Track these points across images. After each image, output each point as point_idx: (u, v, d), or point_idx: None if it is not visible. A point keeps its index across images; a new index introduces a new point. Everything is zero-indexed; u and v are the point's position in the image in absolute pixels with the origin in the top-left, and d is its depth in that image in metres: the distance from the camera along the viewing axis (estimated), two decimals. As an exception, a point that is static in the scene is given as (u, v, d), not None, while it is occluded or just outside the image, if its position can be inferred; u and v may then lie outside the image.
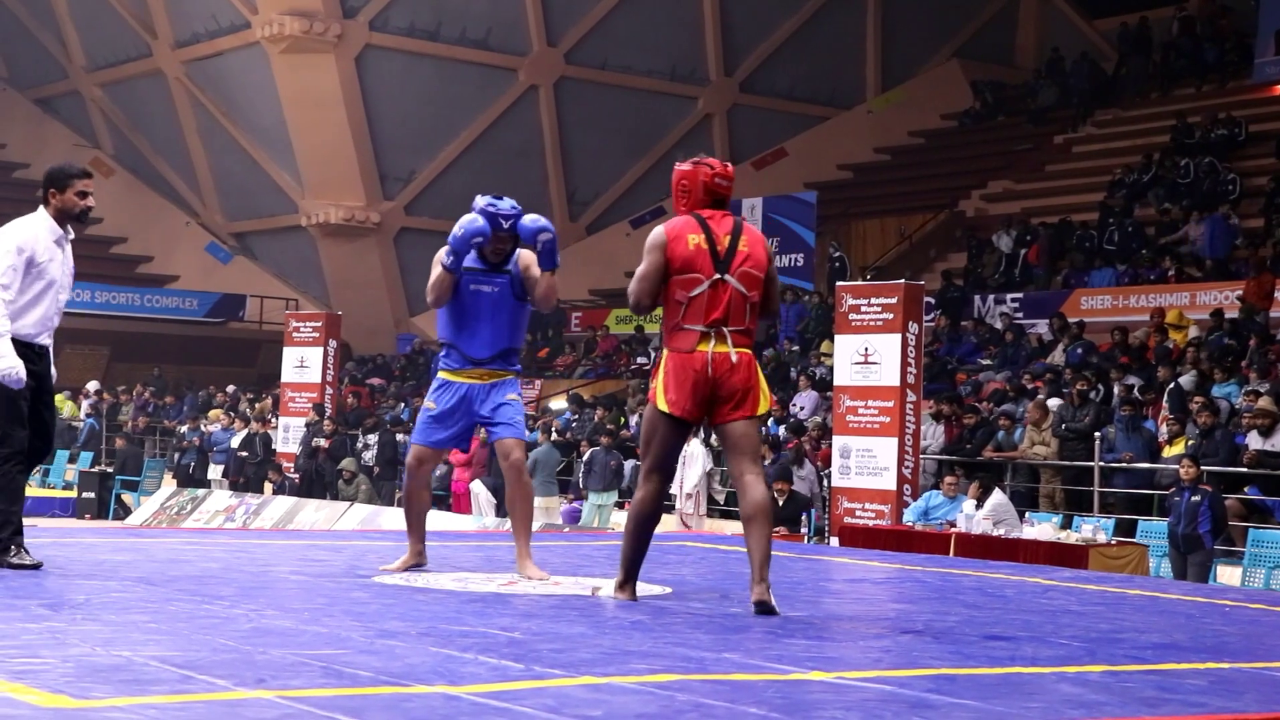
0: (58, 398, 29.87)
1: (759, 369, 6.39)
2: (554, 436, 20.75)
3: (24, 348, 6.82)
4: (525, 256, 7.32)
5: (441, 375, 7.37)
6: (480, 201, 7.31)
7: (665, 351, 6.35)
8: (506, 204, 7.30)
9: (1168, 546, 13.88)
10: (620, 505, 20.27)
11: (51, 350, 7.07)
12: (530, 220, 7.22)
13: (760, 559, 6.13)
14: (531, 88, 33.59)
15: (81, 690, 3.85)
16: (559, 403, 24.94)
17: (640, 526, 6.41)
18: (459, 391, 7.26)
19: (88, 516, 23.51)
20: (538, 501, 19.44)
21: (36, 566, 6.64)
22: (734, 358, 6.21)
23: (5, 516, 6.67)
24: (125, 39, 35.32)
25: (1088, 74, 32.65)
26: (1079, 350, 19.97)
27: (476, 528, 17.42)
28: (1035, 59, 36.40)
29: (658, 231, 6.37)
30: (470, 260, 7.26)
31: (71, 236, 7.05)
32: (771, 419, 19.80)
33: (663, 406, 6.23)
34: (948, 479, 15.25)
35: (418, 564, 7.40)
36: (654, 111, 34.73)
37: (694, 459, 18.06)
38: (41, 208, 6.96)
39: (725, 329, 6.22)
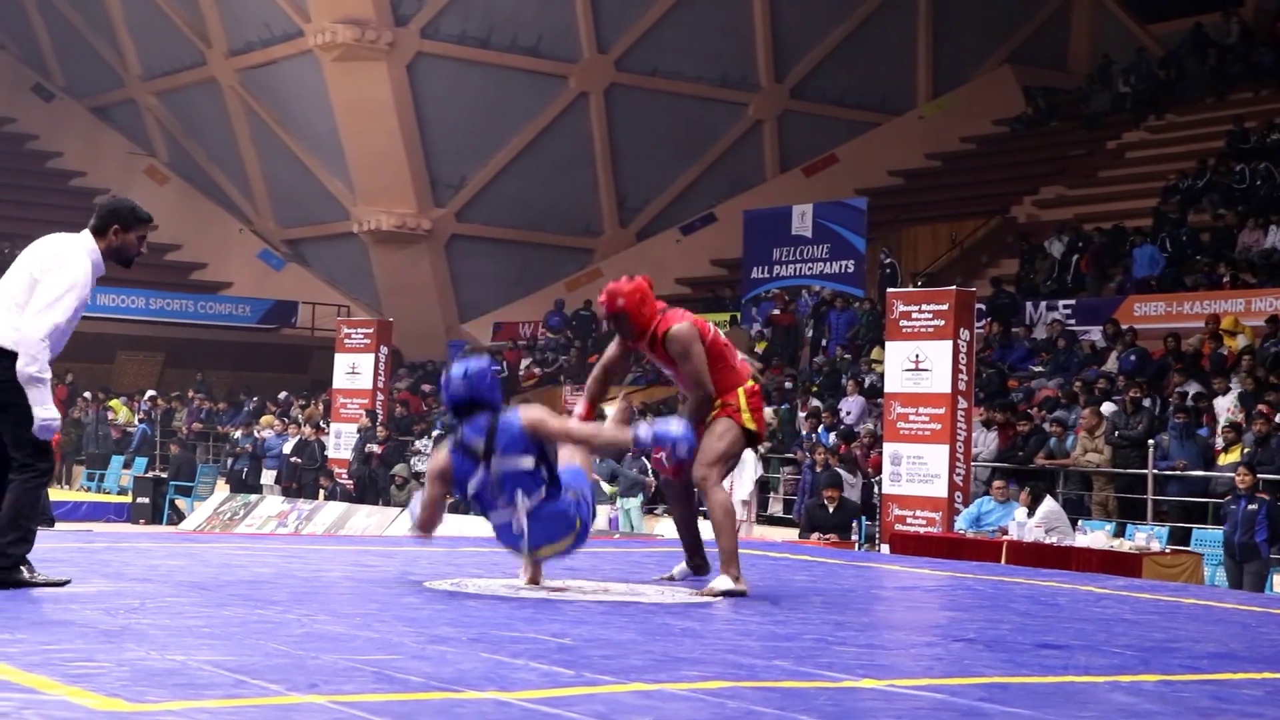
0: (114, 402, 30.22)
1: None
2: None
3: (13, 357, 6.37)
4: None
5: None
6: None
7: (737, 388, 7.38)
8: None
9: (1223, 555, 13.76)
10: (651, 510, 20.27)
11: None
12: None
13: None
14: (582, 94, 33.64)
15: (137, 694, 3.88)
16: (610, 408, 24.92)
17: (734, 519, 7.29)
18: None
19: (142, 521, 23.70)
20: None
21: (67, 581, 6.41)
22: None
23: (25, 530, 6.31)
24: (180, 48, 35.61)
25: (1142, 79, 32.44)
26: (1132, 357, 19.83)
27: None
28: (1088, 64, 36.17)
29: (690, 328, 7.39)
30: None
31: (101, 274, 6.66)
32: (821, 426, 19.76)
33: (750, 425, 7.33)
34: (996, 483, 15.17)
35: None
36: (704, 118, 34.71)
37: (745, 465, 18.05)
38: (89, 234, 6.54)
39: None
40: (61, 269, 6.39)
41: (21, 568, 6.23)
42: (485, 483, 6.66)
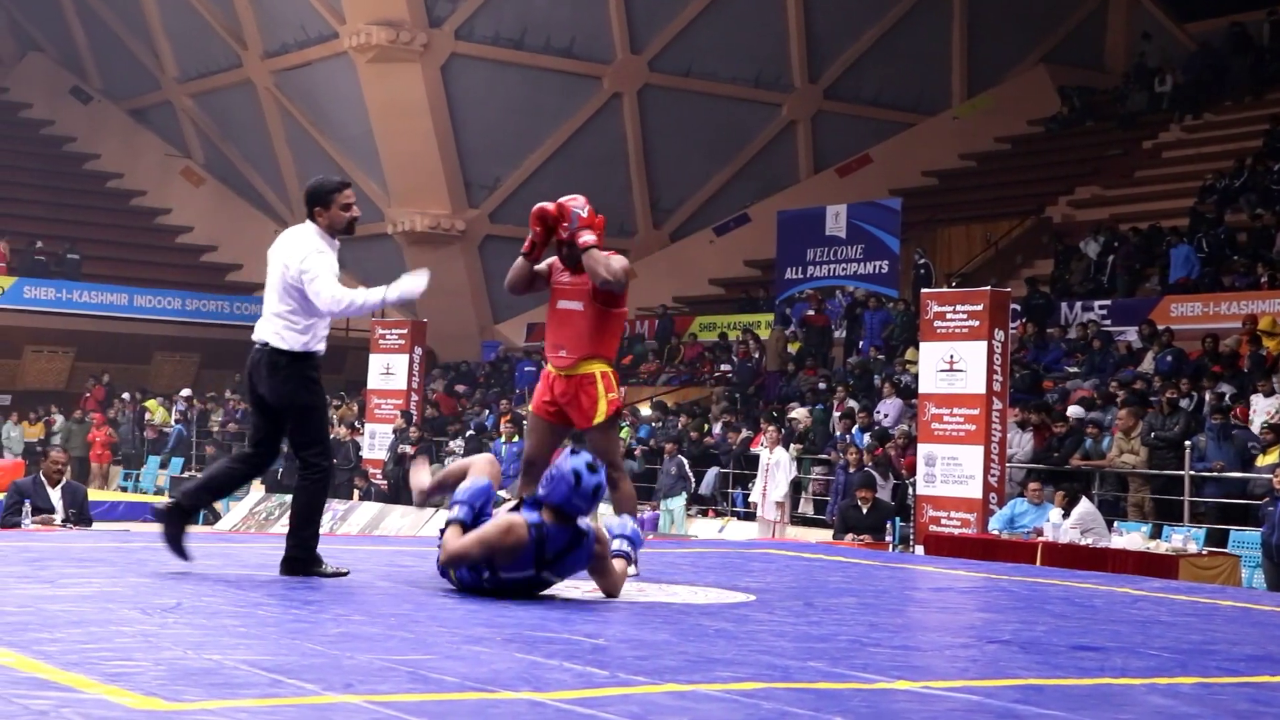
0: (150, 403, 30.38)
1: None
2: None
3: (320, 360, 7.03)
4: None
5: None
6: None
7: (606, 366, 7.51)
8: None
9: (1260, 557, 13.67)
10: (705, 512, 20.28)
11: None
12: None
13: None
14: (615, 95, 33.66)
15: (174, 693, 3.90)
16: (644, 409, 24.97)
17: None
18: None
19: (178, 521, 23.74)
20: (608, 509, 19.56)
21: (347, 572, 6.93)
22: None
23: (314, 527, 7.01)
24: (216, 50, 35.79)
25: (1181, 77, 32.29)
26: (1168, 358, 19.73)
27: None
28: (1124, 63, 36.00)
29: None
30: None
31: (338, 248, 7.04)
32: (856, 427, 19.72)
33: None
34: (1032, 485, 15.11)
35: None
36: (738, 118, 34.69)
37: (779, 467, 18.03)
38: (309, 222, 7.00)
39: None
40: (306, 262, 6.89)
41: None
42: (525, 579, 6.44)
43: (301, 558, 6.93)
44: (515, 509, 6.43)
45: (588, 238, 7.60)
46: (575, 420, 7.61)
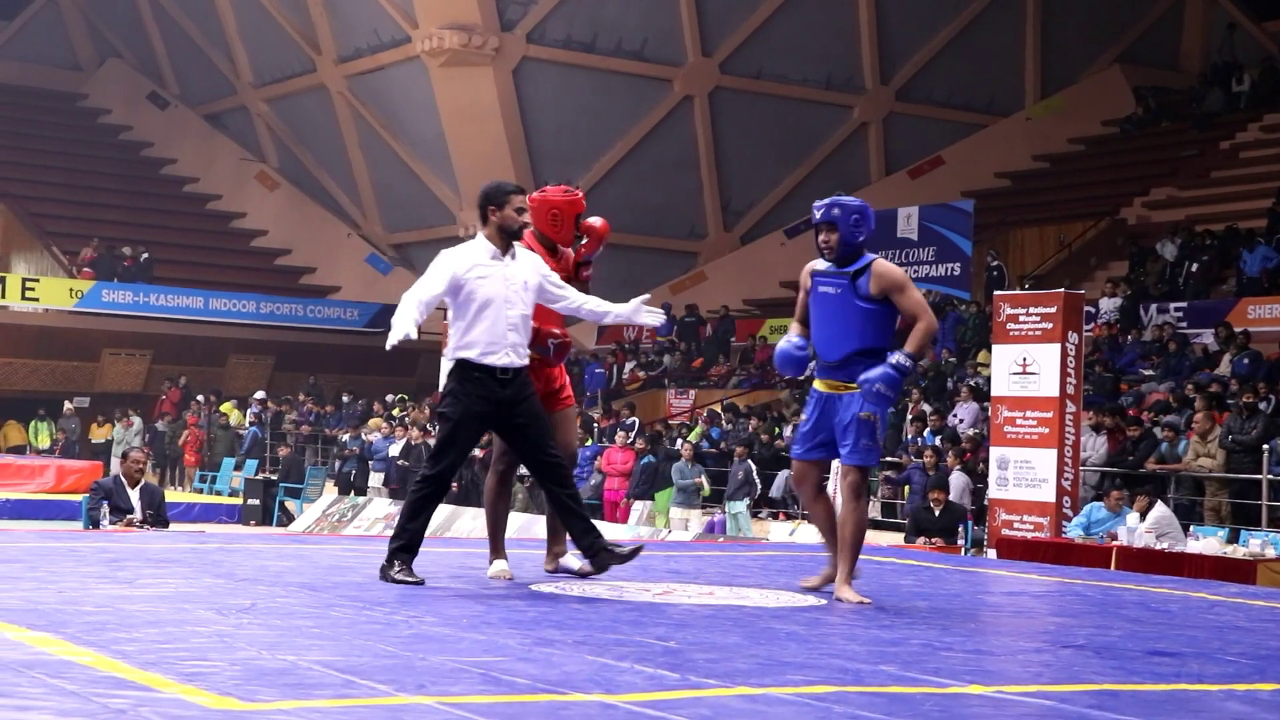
0: (225, 406, 30.69)
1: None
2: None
3: (482, 370, 6.97)
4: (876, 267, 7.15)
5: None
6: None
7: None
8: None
9: (1340, 563, 13.47)
10: (776, 515, 20.25)
11: (522, 369, 7.06)
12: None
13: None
14: (687, 98, 33.67)
15: (249, 693, 3.94)
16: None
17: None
18: (818, 400, 7.11)
19: (252, 523, 24.03)
20: (676, 513, 19.62)
21: (419, 583, 6.79)
22: None
23: (399, 529, 6.96)
24: (290, 55, 36.11)
25: (1258, 75, 31.92)
26: (1245, 360, 19.49)
27: (629, 537, 17.46)
28: (1200, 63, 35.60)
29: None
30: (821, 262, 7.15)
31: (514, 254, 7.06)
32: (928, 429, 19.62)
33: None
34: (1114, 494, 14.96)
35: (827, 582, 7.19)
36: (809, 120, 34.60)
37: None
38: (479, 231, 7.14)
39: None
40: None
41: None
42: None
43: (385, 561, 6.92)
44: None
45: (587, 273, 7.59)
46: (553, 405, 7.48)
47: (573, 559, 7.34)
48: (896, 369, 6.92)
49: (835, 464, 7.40)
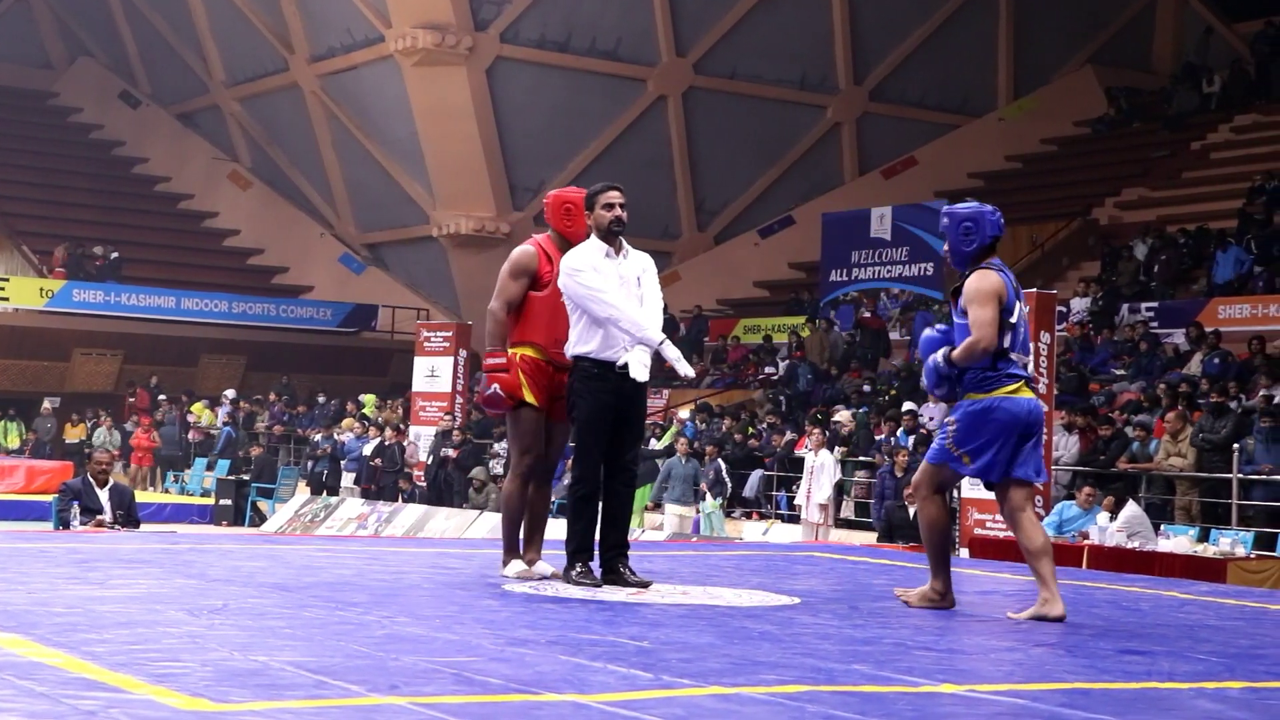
0: (196, 406, 30.58)
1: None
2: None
3: (604, 367, 7.03)
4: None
5: None
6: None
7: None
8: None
9: (1310, 561, 13.56)
10: (749, 514, 20.27)
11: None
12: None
13: None
14: (660, 98, 33.68)
15: (221, 694, 3.92)
16: (686, 412, 24.96)
17: None
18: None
19: (224, 523, 23.96)
20: (673, 509, 19.59)
21: (597, 585, 6.91)
22: None
23: (569, 533, 7.07)
24: (263, 54, 36.01)
25: (1227, 77, 32.07)
26: (1216, 360, 19.59)
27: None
28: (1172, 64, 35.75)
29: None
30: None
31: (623, 251, 7.11)
32: (901, 429, 19.67)
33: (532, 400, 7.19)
34: (1085, 490, 15.02)
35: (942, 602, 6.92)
36: (783, 121, 34.64)
37: (823, 470, 18.00)
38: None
39: None
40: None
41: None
42: None
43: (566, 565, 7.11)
44: None
45: None
46: (560, 413, 7.41)
47: (545, 565, 7.34)
48: (934, 365, 6.77)
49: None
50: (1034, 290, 16.75)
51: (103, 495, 12.11)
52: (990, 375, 6.66)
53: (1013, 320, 6.64)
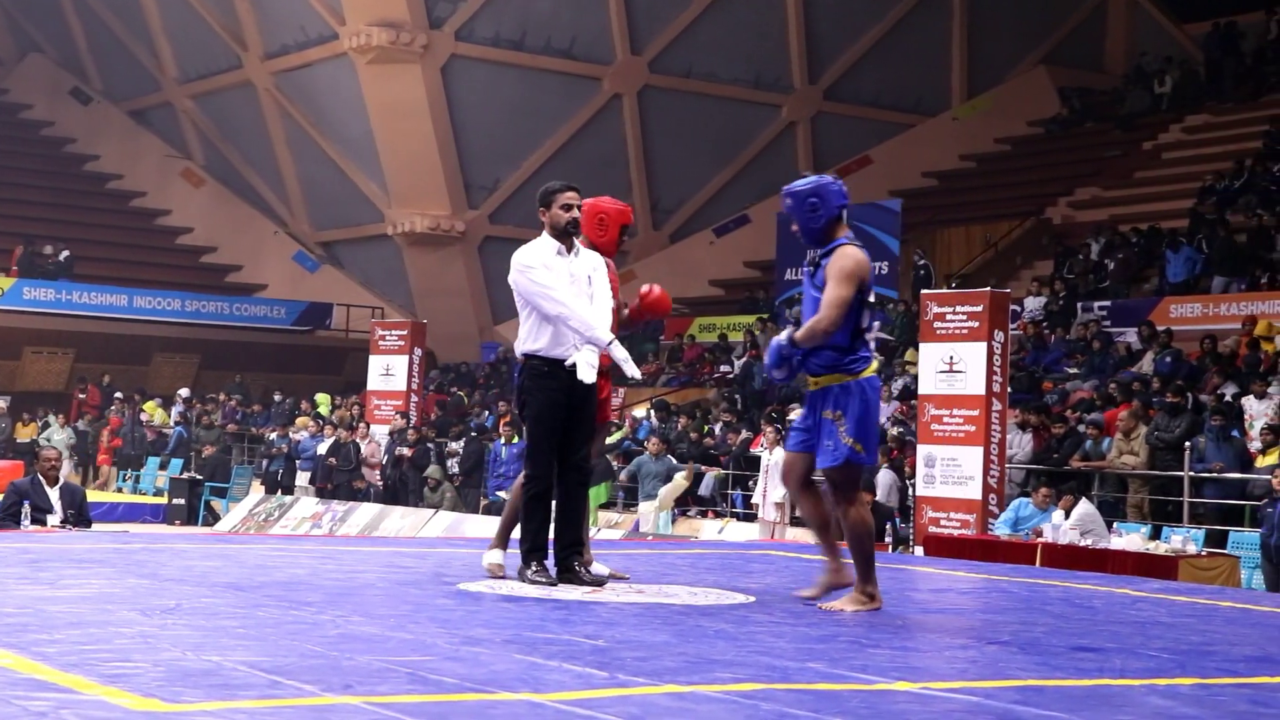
0: (149, 405, 30.37)
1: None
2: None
3: (554, 364, 7.03)
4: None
5: None
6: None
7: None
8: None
9: (1260, 558, 13.68)
10: (705, 513, 20.26)
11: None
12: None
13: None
14: (615, 96, 33.67)
15: (173, 694, 3.90)
16: (641, 411, 24.96)
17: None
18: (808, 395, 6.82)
19: (177, 523, 23.80)
20: (642, 507, 19.57)
21: (552, 584, 6.92)
22: None
23: (522, 533, 7.09)
24: (216, 51, 35.79)
25: (1178, 78, 32.30)
26: (1168, 359, 19.74)
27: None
28: (1124, 65, 36.00)
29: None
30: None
31: (575, 250, 7.14)
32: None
33: None
34: (1042, 490, 15.09)
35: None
36: (738, 120, 34.69)
37: (779, 468, 18.01)
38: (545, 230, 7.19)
39: None
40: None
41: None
42: None
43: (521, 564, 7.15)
44: None
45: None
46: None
47: (601, 567, 7.48)
48: (777, 345, 6.67)
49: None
50: (988, 289, 16.86)
51: (53, 494, 12.00)
52: (855, 357, 6.67)
53: (871, 299, 6.66)
